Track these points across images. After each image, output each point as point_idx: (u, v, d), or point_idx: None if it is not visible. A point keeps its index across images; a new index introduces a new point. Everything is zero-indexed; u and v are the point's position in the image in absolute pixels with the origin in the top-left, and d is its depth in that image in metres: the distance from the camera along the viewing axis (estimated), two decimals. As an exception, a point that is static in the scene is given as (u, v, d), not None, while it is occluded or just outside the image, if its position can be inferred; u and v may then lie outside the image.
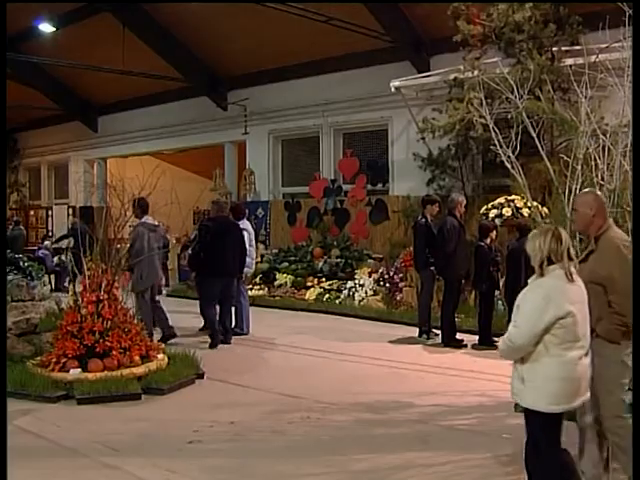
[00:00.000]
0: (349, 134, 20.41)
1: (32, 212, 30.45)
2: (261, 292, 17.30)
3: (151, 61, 21.20)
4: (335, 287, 16.64)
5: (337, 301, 16.07)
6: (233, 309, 12.93)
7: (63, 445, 6.93)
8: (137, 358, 9.10)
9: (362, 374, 9.94)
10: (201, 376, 9.54)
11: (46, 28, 21.94)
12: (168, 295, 14.49)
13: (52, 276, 20.07)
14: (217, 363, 10.31)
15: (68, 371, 8.74)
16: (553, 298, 4.61)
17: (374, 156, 19.60)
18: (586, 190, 6.27)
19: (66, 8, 20.93)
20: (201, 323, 13.06)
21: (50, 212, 28.83)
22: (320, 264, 17.70)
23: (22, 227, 24.75)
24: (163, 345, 10.44)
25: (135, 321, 9.69)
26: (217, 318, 12.26)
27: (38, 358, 9.41)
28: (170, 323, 12.15)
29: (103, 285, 9.20)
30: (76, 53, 21.87)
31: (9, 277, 15.08)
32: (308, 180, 20.65)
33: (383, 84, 16.77)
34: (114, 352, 8.92)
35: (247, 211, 15.01)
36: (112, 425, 7.54)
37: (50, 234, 25.59)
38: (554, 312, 4.58)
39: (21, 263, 17.09)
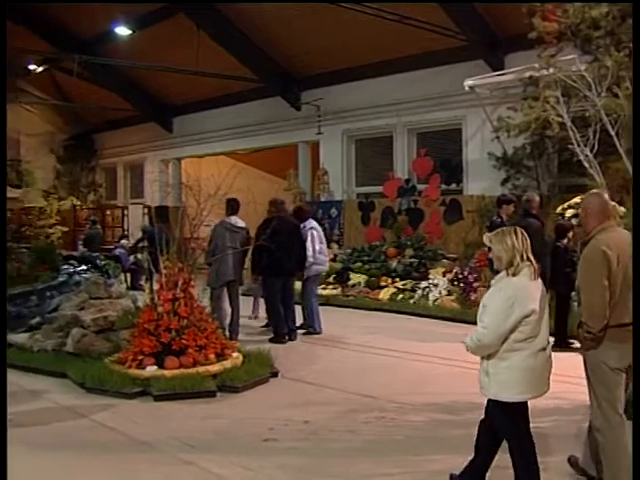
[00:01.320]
0: (423, 133, 20.32)
1: (108, 212, 30.95)
2: (335, 292, 17.28)
3: (225, 62, 21.39)
4: (409, 287, 16.54)
5: (411, 301, 15.98)
6: (303, 308, 13.02)
7: (141, 440, 7.02)
8: (212, 356, 9.17)
9: (436, 374, 9.87)
10: (275, 375, 9.56)
11: (122, 31, 22.39)
12: (243, 294, 14.59)
13: (128, 274, 20.35)
14: (291, 362, 10.35)
15: (145, 368, 8.86)
16: (518, 298, 4.86)
17: (448, 155, 19.48)
18: (593, 191, 6.18)
19: (142, 11, 21.29)
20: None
21: (126, 212, 29.25)
22: (394, 264, 17.62)
23: (99, 226, 25.16)
24: (238, 344, 10.50)
25: (210, 319, 9.79)
26: (282, 316, 12.37)
27: (115, 355, 9.56)
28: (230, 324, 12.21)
29: (179, 284, 9.31)
30: (151, 55, 22.21)
31: (87, 275, 15.40)
32: (382, 180, 20.60)
33: (457, 83, 16.64)
34: (190, 350, 9.01)
35: (313, 211, 15.02)
36: (188, 422, 7.62)
37: (126, 233, 25.95)
38: (520, 312, 4.83)
39: (98, 261, 17.44)
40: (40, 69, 26.39)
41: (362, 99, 20.58)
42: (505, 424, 5.15)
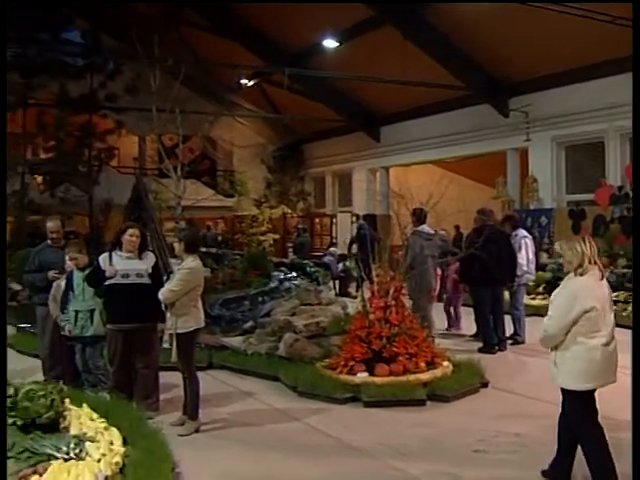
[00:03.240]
0: (637, 138, 19.48)
1: (317, 220, 31.58)
2: (544, 302, 16.84)
3: (431, 70, 21.36)
4: (622, 298, 15.86)
5: (623, 313, 15.33)
6: (513, 318, 12.79)
7: (351, 445, 7.11)
8: (423, 364, 9.15)
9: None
10: (485, 385, 9.42)
11: (330, 44, 22.83)
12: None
13: (337, 281, 20.65)
14: (500, 372, 10.15)
15: (356, 374, 8.95)
16: (580, 295, 5.53)
17: (665, 161, 18.57)
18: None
19: (349, 23, 21.64)
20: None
21: (334, 220, 29.72)
22: (606, 274, 16.96)
23: (308, 234, 25.73)
24: (448, 352, 10.43)
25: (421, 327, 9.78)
26: (492, 325, 12.18)
27: (327, 360, 9.71)
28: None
29: (391, 291, 9.36)
30: (359, 66, 22.50)
31: (297, 281, 15.79)
32: (593, 187, 19.91)
33: (675, 84, 15.83)
34: (400, 357, 9.03)
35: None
36: (398, 429, 7.64)
37: (334, 241, 26.39)
38: (580, 307, 5.48)
39: (308, 268, 17.85)
40: (251, 83, 27.31)
41: (572, 104, 19.99)
42: (573, 413, 5.77)
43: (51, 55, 22.77)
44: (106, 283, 8.05)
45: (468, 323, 13.45)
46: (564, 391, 5.78)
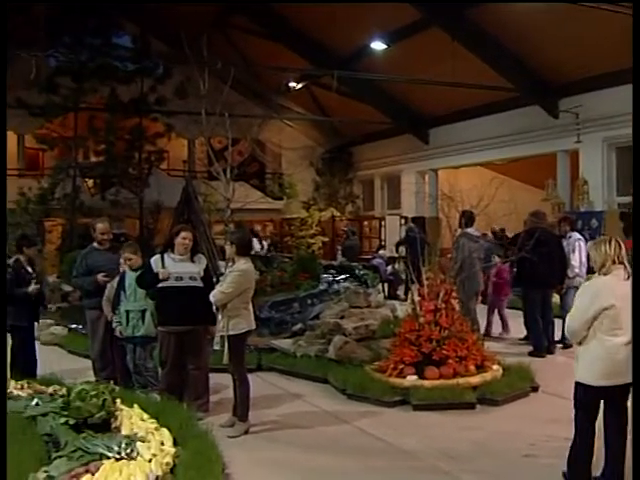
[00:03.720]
0: (692, 138, 19.14)
1: (366, 222, 31.54)
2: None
3: (480, 72, 21.22)
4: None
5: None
6: (563, 321, 12.65)
7: (400, 448, 7.12)
8: (472, 368, 9.11)
9: None
10: (535, 389, 9.35)
11: (378, 46, 22.76)
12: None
13: (386, 284, 20.61)
14: (550, 376, 10.02)
15: (405, 377, 8.96)
16: (601, 293, 5.71)
17: None
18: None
19: (397, 25, 21.60)
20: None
21: (383, 222, 29.65)
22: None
23: (356, 237, 25.71)
24: (497, 356, 10.36)
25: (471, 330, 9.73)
26: (542, 329, 12.06)
27: (376, 363, 9.72)
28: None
29: (441, 294, 9.33)
30: (407, 68, 22.43)
31: (346, 284, 15.78)
32: (645, 189, 19.60)
33: None
34: (450, 360, 9.01)
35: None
36: (447, 432, 7.63)
37: (383, 244, 26.32)
38: (599, 304, 5.64)
39: (357, 271, 17.83)
40: (299, 86, 27.34)
41: (623, 105, 19.58)
42: (579, 406, 5.95)
43: (102, 60, 23.03)
44: (159, 285, 8.13)
45: (517, 326, 13.33)
46: (576, 384, 5.93)
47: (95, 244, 9.80)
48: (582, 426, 5.92)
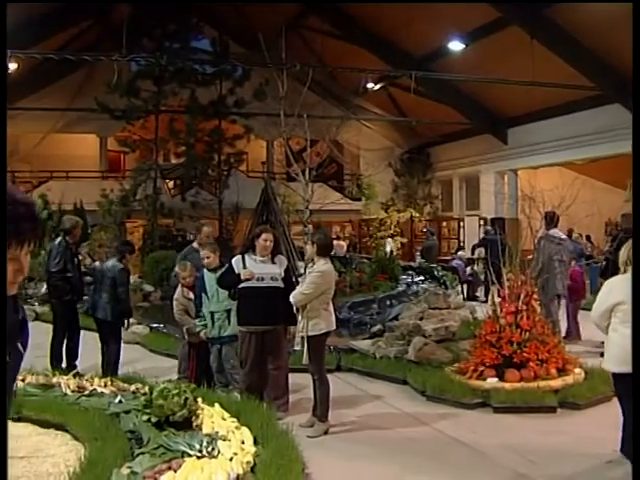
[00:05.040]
0: None
1: (444, 223, 31.37)
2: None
3: (560, 70, 20.91)
4: None
5: None
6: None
7: (480, 451, 7.06)
8: (554, 371, 8.98)
9: None
10: (618, 393, 9.18)
11: (456, 46, 22.65)
12: (582, 308, 14.14)
13: (464, 285, 20.46)
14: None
15: (485, 379, 8.87)
16: (615, 288, 6.31)
17: None
18: None
19: (475, 25, 21.46)
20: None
21: (461, 223, 29.49)
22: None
23: (435, 238, 25.58)
24: (579, 358, 10.19)
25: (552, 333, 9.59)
26: None
27: (456, 365, 9.66)
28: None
29: (522, 296, 9.22)
30: (484, 68, 22.26)
31: (424, 285, 15.74)
32: None
33: None
34: (531, 363, 8.89)
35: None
36: (528, 436, 7.53)
37: (462, 245, 26.15)
38: (613, 299, 6.26)
39: (435, 272, 17.76)
40: (377, 87, 27.33)
41: None
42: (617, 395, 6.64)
43: (181, 63, 23.39)
44: (240, 286, 8.21)
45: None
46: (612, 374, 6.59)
47: (195, 244, 10.14)
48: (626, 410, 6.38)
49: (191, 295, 9.21)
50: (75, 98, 27.78)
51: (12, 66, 20.80)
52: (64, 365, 10.17)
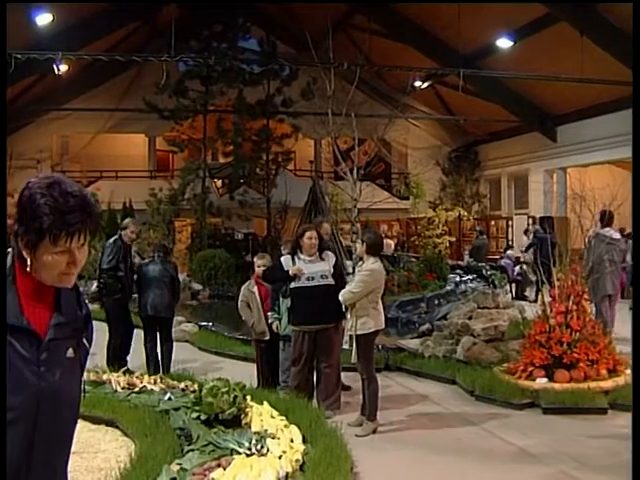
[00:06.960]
0: None
1: (493, 222, 31.16)
2: None
3: (610, 67, 20.65)
4: None
5: None
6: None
7: (528, 452, 7.02)
8: (604, 371, 8.89)
9: None
10: (670, 395, 9.05)
11: (504, 43, 22.53)
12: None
13: (513, 285, 20.31)
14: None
15: (535, 380, 8.82)
16: None
17: None
18: None
19: (523, 21, 21.32)
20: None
21: (510, 222, 29.26)
22: None
23: (485, 237, 25.44)
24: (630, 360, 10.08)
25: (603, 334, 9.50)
26: None
27: (505, 365, 9.61)
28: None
29: (572, 296, 9.14)
30: (533, 64, 22.10)
31: (473, 284, 15.67)
32: None
33: None
34: (581, 364, 8.81)
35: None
36: (577, 438, 7.45)
37: (511, 244, 25.95)
38: None
39: (484, 271, 17.67)
40: (424, 85, 27.24)
41: None
42: None
43: (229, 63, 23.53)
44: (291, 286, 8.26)
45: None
46: None
47: None
48: None
49: (255, 289, 9.23)
50: (124, 98, 28.17)
51: (63, 68, 21.14)
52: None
